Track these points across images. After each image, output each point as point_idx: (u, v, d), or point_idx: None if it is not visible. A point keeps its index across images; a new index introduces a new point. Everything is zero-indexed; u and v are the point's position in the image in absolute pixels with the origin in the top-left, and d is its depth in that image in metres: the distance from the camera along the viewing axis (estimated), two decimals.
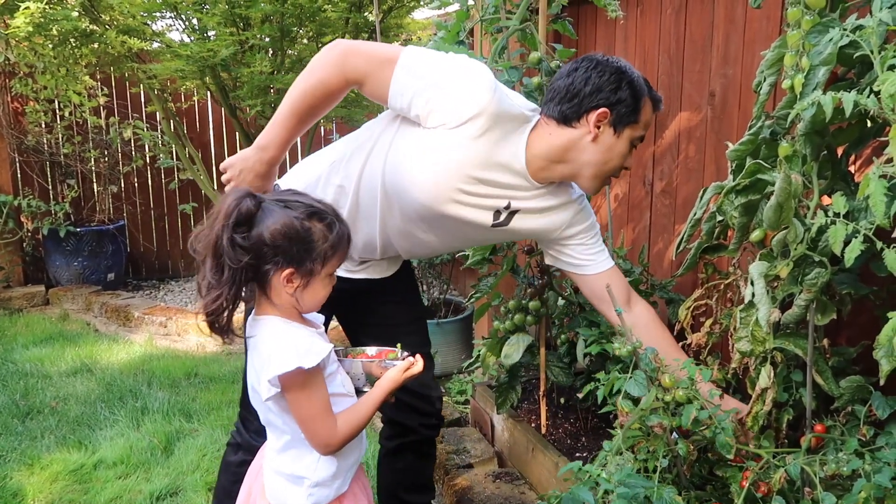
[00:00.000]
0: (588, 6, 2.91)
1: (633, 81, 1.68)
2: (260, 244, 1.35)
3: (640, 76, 1.71)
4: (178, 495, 2.68)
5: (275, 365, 1.35)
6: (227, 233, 1.33)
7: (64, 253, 5.13)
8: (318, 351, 1.38)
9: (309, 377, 1.37)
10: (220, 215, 1.35)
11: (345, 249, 1.44)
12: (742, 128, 2.16)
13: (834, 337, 1.78)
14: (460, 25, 2.38)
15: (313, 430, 1.41)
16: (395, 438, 2.10)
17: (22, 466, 2.85)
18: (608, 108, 1.66)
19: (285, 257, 1.36)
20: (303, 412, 1.40)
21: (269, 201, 1.39)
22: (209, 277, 1.35)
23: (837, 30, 1.30)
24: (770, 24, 2.08)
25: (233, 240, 1.33)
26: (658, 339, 1.87)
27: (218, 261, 1.34)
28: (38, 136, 5.24)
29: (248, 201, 1.35)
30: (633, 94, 1.67)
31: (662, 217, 2.64)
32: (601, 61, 1.69)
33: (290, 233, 1.35)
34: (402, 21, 4.69)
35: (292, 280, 1.38)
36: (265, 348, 1.40)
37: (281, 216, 1.36)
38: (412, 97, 1.59)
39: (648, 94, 1.72)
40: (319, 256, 1.39)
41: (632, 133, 1.70)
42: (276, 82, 4.21)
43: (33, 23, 3.94)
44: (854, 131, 1.46)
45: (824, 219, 1.31)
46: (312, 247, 1.38)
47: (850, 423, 1.55)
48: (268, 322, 1.43)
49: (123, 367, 3.90)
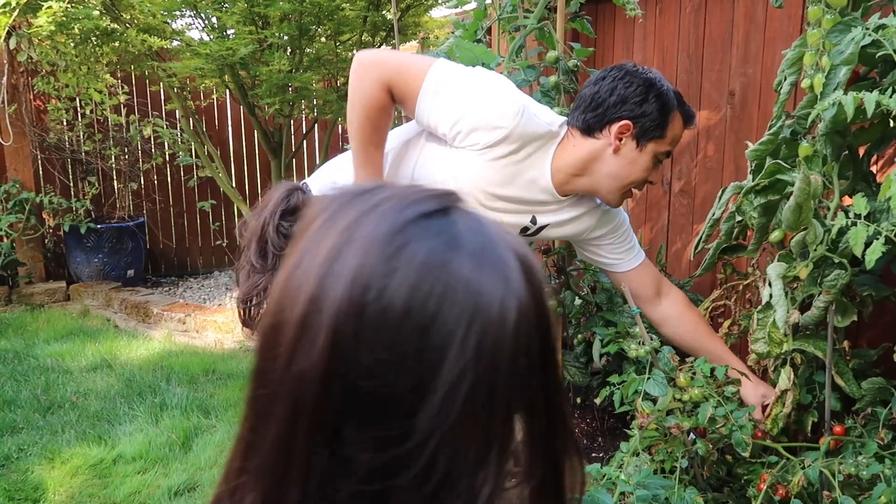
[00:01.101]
0: (607, 4, 2.89)
1: (662, 94, 1.63)
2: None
3: (671, 90, 1.66)
4: (196, 491, 2.70)
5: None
6: (274, 220, 1.36)
7: (84, 249, 5.18)
8: None
9: None
10: (269, 205, 1.37)
11: None
12: (762, 127, 2.14)
13: (854, 339, 1.77)
14: (478, 24, 2.38)
15: None
16: None
17: (43, 460, 2.89)
18: (631, 121, 1.62)
19: None
20: None
21: (315, 196, 1.43)
22: (253, 261, 1.37)
23: (859, 29, 1.29)
24: (791, 23, 2.07)
25: (279, 227, 1.35)
26: (693, 331, 1.86)
27: (262, 247, 1.36)
28: (60, 134, 5.30)
29: (298, 195, 1.38)
30: (660, 108, 1.63)
31: (681, 217, 2.62)
32: (630, 71, 1.65)
33: None
34: (420, 19, 4.69)
35: None
36: None
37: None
38: (438, 119, 1.58)
39: (679, 109, 1.66)
40: None
41: (656, 148, 1.66)
42: (295, 81, 4.22)
43: (55, 21, 3.98)
44: (876, 131, 1.44)
45: (845, 220, 1.30)
46: None
47: (870, 425, 1.54)
48: None
49: (142, 363, 3.94)
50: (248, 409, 0.56)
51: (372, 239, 0.52)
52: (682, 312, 1.88)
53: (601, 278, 2.42)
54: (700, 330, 1.88)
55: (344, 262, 0.52)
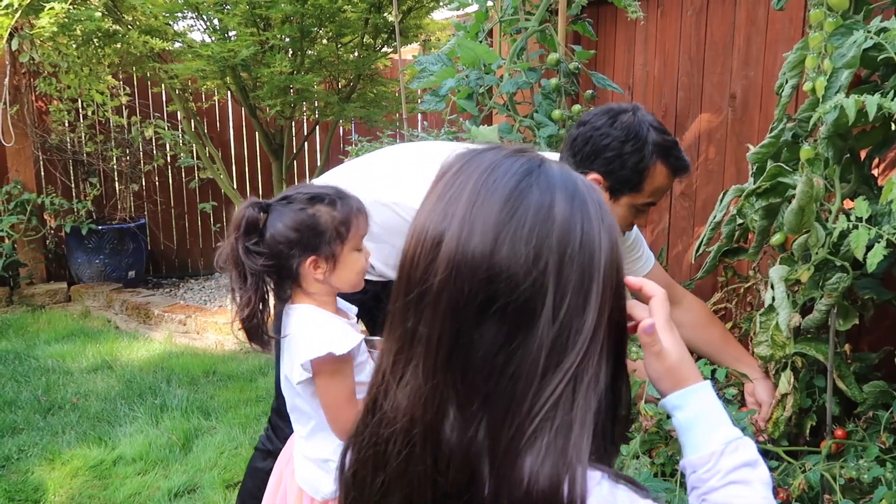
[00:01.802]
0: (608, 7, 2.89)
1: (641, 149, 1.55)
2: (275, 245, 1.41)
3: (655, 140, 1.57)
4: (196, 492, 2.70)
5: (307, 349, 1.40)
6: (240, 243, 1.40)
7: (86, 250, 5.19)
8: (350, 339, 1.42)
9: (339, 364, 1.42)
10: (232, 228, 1.43)
11: (359, 220, 1.47)
12: (763, 130, 2.14)
13: (856, 342, 1.76)
14: (479, 26, 2.38)
15: (336, 415, 1.45)
16: None
17: (43, 461, 2.89)
18: (602, 175, 1.58)
19: (301, 248, 1.42)
20: (329, 398, 1.44)
21: (274, 203, 1.45)
22: (235, 287, 1.43)
23: (861, 32, 1.29)
24: (792, 26, 2.06)
25: (247, 248, 1.40)
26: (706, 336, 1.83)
27: (240, 270, 1.42)
28: (62, 135, 5.30)
29: (251, 210, 1.42)
30: (634, 164, 1.56)
31: (682, 219, 2.62)
32: (613, 118, 1.58)
33: (297, 225, 1.41)
34: (422, 21, 4.70)
35: (318, 265, 1.43)
36: (299, 334, 1.45)
37: (285, 212, 1.42)
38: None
39: (664, 162, 1.58)
40: (333, 236, 1.43)
41: (632, 200, 1.60)
42: (296, 82, 4.23)
43: (57, 23, 3.99)
44: (877, 134, 1.44)
45: (846, 223, 1.30)
46: (323, 230, 1.42)
47: (872, 429, 1.53)
48: (302, 309, 1.48)
49: (143, 365, 3.94)
50: (403, 313, 0.72)
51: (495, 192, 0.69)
52: (694, 321, 1.83)
53: None
54: (716, 334, 1.84)
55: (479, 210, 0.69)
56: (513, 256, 0.67)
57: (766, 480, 0.80)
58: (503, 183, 0.70)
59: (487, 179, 0.70)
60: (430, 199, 0.73)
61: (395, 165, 1.86)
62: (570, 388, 0.68)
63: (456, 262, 0.68)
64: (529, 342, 0.68)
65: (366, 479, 0.76)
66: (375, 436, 0.74)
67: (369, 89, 4.82)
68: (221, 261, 1.44)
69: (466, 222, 0.69)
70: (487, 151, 0.74)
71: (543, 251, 0.68)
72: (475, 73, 2.26)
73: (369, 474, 0.76)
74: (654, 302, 0.84)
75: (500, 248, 0.67)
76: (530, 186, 0.70)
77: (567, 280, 0.69)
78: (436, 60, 2.38)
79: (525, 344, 0.68)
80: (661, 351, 0.83)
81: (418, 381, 0.70)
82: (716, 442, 0.80)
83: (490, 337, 0.68)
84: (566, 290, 0.68)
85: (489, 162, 0.72)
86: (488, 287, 0.68)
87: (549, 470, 0.66)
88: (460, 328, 0.69)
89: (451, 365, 0.69)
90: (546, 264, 0.68)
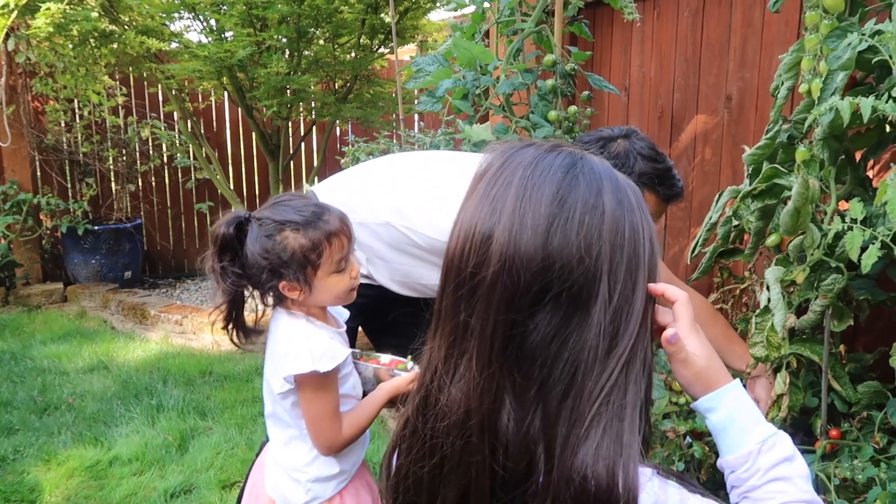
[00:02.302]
0: (604, 8, 2.90)
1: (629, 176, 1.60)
2: (249, 266, 1.38)
3: (643, 171, 1.58)
4: (192, 493, 2.69)
5: (291, 364, 1.37)
6: (215, 264, 1.38)
7: (82, 251, 5.18)
8: (334, 355, 1.39)
9: (324, 380, 1.39)
10: (210, 242, 1.40)
11: (335, 244, 1.40)
12: (758, 131, 2.15)
13: (850, 343, 1.77)
14: (476, 27, 2.38)
15: (319, 429, 1.43)
16: None
17: (39, 462, 2.88)
18: None
19: (270, 274, 1.38)
20: (312, 412, 1.42)
21: (253, 222, 1.40)
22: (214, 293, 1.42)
23: (856, 34, 1.30)
24: (788, 28, 2.07)
25: (222, 267, 1.38)
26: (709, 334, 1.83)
27: (216, 282, 1.40)
28: (58, 135, 5.30)
29: (226, 228, 1.38)
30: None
31: (678, 220, 2.63)
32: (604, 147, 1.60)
33: (264, 253, 1.37)
34: (418, 22, 4.70)
35: (292, 289, 1.40)
36: (285, 344, 1.42)
37: (255, 237, 1.38)
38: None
39: (653, 191, 1.60)
40: (302, 263, 1.37)
41: None
42: (293, 83, 4.23)
43: (54, 23, 3.98)
44: (872, 136, 1.45)
45: (841, 224, 1.31)
46: (290, 258, 1.37)
47: (866, 429, 1.54)
48: (290, 317, 1.45)
49: (139, 365, 3.94)
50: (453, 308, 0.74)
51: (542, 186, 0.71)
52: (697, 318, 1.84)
53: None
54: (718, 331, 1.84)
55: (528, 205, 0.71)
56: (566, 246, 0.70)
57: (805, 474, 0.82)
58: (549, 176, 0.72)
59: (533, 174, 0.73)
60: (474, 197, 0.75)
61: (392, 179, 1.86)
62: (623, 373, 0.71)
63: (508, 255, 0.70)
64: (584, 328, 0.70)
65: (421, 477, 0.78)
66: (431, 431, 0.76)
67: (366, 90, 4.83)
68: (207, 269, 1.42)
69: (517, 216, 0.71)
70: (526, 148, 0.76)
71: (595, 240, 0.71)
72: (471, 73, 2.27)
73: (425, 471, 0.77)
74: (678, 307, 0.86)
75: (552, 239, 0.70)
76: (576, 178, 0.73)
77: (618, 267, 0.72)
78: (432, 61, 2.38)
79: (580, 330, 0.70)
80: (687, 358, 0.84)
81: (473, 373, 0.72)
82: (752, 441, 0.81)
83: (544, 325, 0.70)
84: (618, 276, 0.71)
85: (531, 157, 0.75)
86: (542, 277, 0.70)
87: (605, 455, 0.68)
88: (515, 318, 0.70)
89: (506, 355, 0.71)
90: (598, 253, 0.71)
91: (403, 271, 1.80)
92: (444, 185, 1.78)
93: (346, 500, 1.52)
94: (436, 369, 0.76)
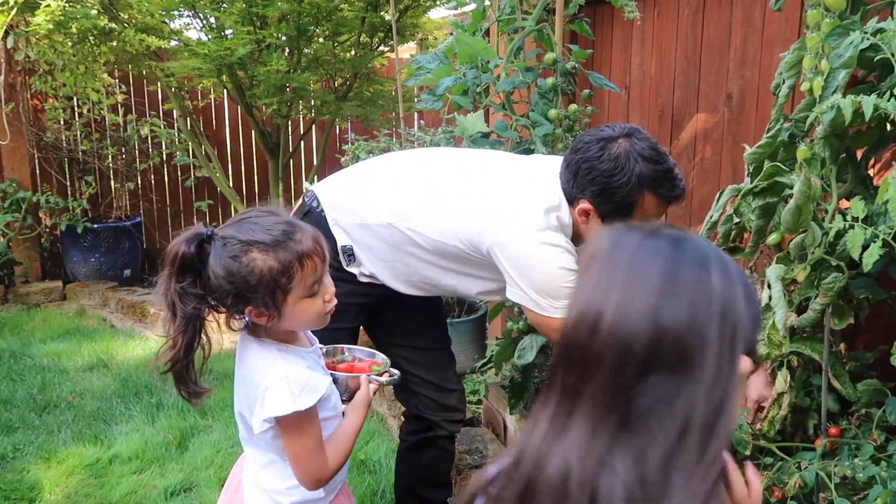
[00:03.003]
0: (605, 7, 2.90)
1: (627, 182, 1.54)
2: (212, 288, 1.27)
3: (643, 173, 1.54)
4: (192, 491, 2.69)
5: (269, 406, 1.29)
6: (171, 285, 1.26)
7: (81, 249, 5.18)
8: (315, 387, 1.32)
9: (304, 417, 1.31)
10: (166, 263, 1.27)
11: (307, 266, 1.29)
12: (759, 130, 2.15)
13: (851, 341, 1.77)
14: (476, 25, 2.38)
15: (305, 465, 1.35)
16: (418, 434, 2.09)
17: (39, 460, 2.88)
18: (591, 204, 1.60)
19: (235, 299, 1.27)
20: (296, 449, 1.34)
21: (217, 238, 1.28)
22: (166, 329, 1.30)
23: (858, 33, 1.30)
24: (788, 26, 2.07)
25: (181, 289, 1.26)
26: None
27: (170, 307, 1.27)
28: (57, 133, 5.29)
29: (185, 246, 1.26)
30: (623, 197, 1.55)
31: (678, 219, 2.63)
32: (604, 147, 1.57)
33: (227, 276, 1.25)
34: (419, 20, 4.69)
35: (260, 315, 1.30)
36: (259, 377, 1.33)
37: (218, 257, 1.26)
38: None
39: (654, 192, 1.56)
40: (271, 287, 1.25)
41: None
42: (293, 81, 4.22)
43: (53, 20, 3.97)
44: (873, 135, 1.45)
45: (842, 223, 1.31)
46: (258, 282, 1.25)
47: (864, 427, 1.54)
48: (260, 347, 1.36)
49: (139, 363, 3.93)
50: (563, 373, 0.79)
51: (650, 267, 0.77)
52: None
53: None
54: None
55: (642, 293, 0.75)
56: (675, 319, 0.74)
57: None
58: (657, 254, 0.78)
59: (638, 256, 0.78)
60: (587, 277, 0.81)
61: (392, 177, 1.84)
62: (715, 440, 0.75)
63: (620, 330, 0.74)
64: (691, 395, 0.74)
65: None
66: (526, 485, 0.78)
67: (366, 88, 4.82)
68: (160, 292, 1.29)
69: (627, 293, 0.76)
70: (633, 230, 0.82)
71: (702, 315, 0.75)
72: (472, 71, 2.27)
73: None
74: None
75: (661, 312, 0.74)
76: (683, 254, 0.78)
77: (723, 338, 0.75)
78: (433, 59, 2.38)
79: (686, 396, 0.74)
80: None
81: (578, 435, 0.76)
82: None
83: (652, 390, 0.74)
84: (723, 347, 0.75)
85: (639, 238, 0.80)
86: (651, 349, 0.74)
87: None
88: (622, 384, 0.74)
89: (611, 418, 0.75)
90: (706, 327, 0.75)
91: (407, 271, 1.80)
92: (444, 183, 1.78)
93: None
94: (540, 429, 0.80)
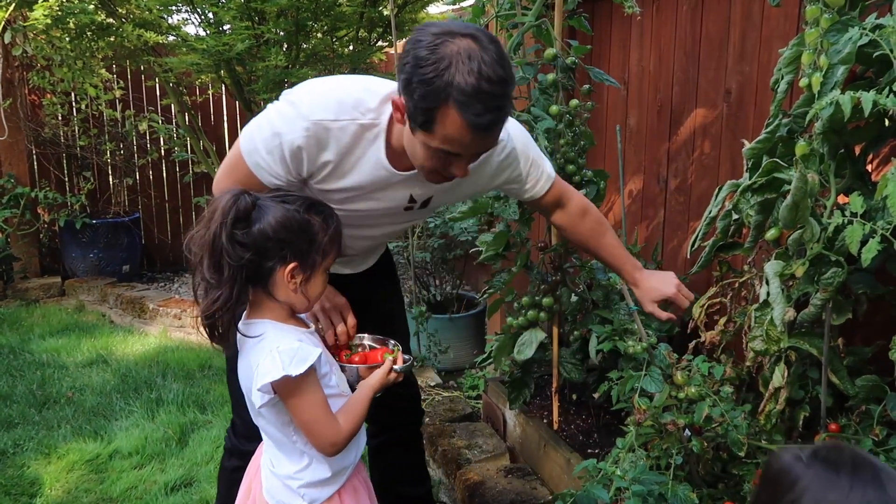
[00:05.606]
0: (604, 2, 2.90)
1: (427, 82, 1.27)
2: (263, 239, 1.33)
3: (457, 81, 1.25)
4: (192, 486, 2.70)
5: (262, 374, 1.33)
6: (225, 230, 1.31)
7: (80, 244, 5.17)
8: (304, 356, 1.35)
9: (301, 383, 1.35)
10: (217, 213, 1.32)
11: (340, 244, 1.43)
12: (758, 126, 2.15)
13: (849, 336, 1.78)
14: (476, 21, 2.38)
15: (317, 432, 1.39)
16: (379, 436, 2.11)
17: (39, 456, 2.89)
18: (402, 99, 1.35)
19: (290, 250, 1.35)
20: (304, 416, 1.37)
21: (264, 198, 1.37)
22: (208, 277, 1.33)
23: (857, 28, 1.30)
24: (787, 22, 2.07)
25: (233, 236, 1.31)
26: (587, 236, 1.83)
27: (216, 260, 1.32)
28: (55, 129, 5.29)
29: (246, 198, 1.34)
30: (420, 97, 1.29)
31: (677, 214, 2.63)
32: (439, 44, 1.27)
33: (292, 225, 1.35)
34: (417, 16, 4.68)
35: (295, 275, 1.38)
36: (255, 357, 1.38)
37: (280, 210, 1.35)
38: (272, 179, 1.50)
39: (458, 108, 1.27)
40: (320, 248, 1.38)
41: (425, 139, 1.35)
42: (291, 76, 4.22)
43: (51, 16, 3.96)
44: (872, 130, 1.45)
45: (841, 218, 1.31)
46: (314, 238, 1.37)
47: (864, 423, 1.55)
48: (259, 327, 1.41)
49: (138, 359, 3.94)
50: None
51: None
52: (576, 220, 1.81)
53: (597, 275, 2.43)
54: (595, 233, 1.83)
55: None
56: None
57: None
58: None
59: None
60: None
61: None
62: None
63: None
64: None
65: None
66: None
67: None
68: (195, 245, 1.34)
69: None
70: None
71: None
72: None
73: None
74: None
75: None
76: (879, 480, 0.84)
77: None
78: None
79: None
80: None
81: None
82: None
83: None
84: None
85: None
86: None
87: None
88: None
89: None
90: None
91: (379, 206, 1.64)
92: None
93: (345, 498, 1.51)
94: None
